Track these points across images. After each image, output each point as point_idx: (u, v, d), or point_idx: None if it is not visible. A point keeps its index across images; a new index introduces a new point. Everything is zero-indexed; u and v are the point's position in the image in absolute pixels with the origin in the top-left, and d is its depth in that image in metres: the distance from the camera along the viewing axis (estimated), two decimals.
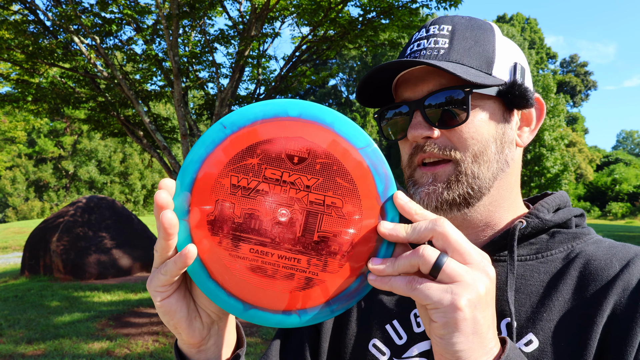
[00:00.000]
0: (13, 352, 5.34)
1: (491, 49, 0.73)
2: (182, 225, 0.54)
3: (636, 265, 0.68)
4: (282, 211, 0.54)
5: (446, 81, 0.71)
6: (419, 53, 0.74)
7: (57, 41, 6.95)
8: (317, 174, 0.54)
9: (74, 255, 9.94)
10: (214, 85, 8.46)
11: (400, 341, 0.79)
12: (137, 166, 44.32)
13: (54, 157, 42.62)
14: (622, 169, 46.81)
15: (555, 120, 37.42)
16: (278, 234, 0.53)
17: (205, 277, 0.55)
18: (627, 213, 36.87)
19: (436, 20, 0.76)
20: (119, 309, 7.29)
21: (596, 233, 0.78)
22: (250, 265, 0.54)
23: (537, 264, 0.73)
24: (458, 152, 0.71)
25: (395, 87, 0.78)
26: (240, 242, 0.54)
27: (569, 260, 0.72)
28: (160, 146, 7.08)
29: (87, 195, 11.55)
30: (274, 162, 0.54)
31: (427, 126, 0.72)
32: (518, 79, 0.73)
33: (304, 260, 0.53)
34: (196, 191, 0.55)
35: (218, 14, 7.74)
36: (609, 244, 0.74)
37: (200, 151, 0.55)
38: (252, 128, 0.55)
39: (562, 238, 0.74)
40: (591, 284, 0.68)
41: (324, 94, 52.23)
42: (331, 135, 0.54)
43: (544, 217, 0.74)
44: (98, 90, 7.58)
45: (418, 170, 0.74)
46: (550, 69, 64.17)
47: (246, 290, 0.54)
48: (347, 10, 7.07)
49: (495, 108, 0.73)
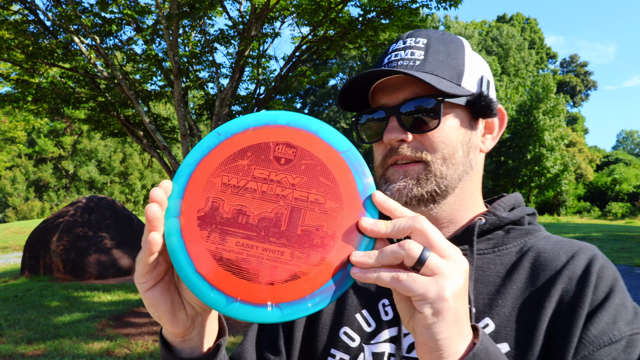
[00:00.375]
0: (13, 352, 5.34)
1: (461, 62, 0.81)
2: (174, 222, 0.58)
3: (580, 258, 0.77)
4: (268, 207, 0.57)
5: (421, 90, 0.78)
6: (396, 63, 0.80)
7: (57, 41, 6.95)
8: (301, 174, 0.58)
9: (74, 255, 9.94)
10: (214, 85, 8.47)
11: (369, 328, 0.85)
12: (137, 166, 44.30)
13: (54, 157, 42.61)
14: (622, 169, 46.78)
15: (555, 120, 37.41)
16: (264, 228, 0.56)
17: (191, 271, 0.57)
18: (627, 213, 36.84)
19: (412, 33, 0.83)
20: (119, 309, 7.29)
21: (545, 229, 0.88)
22: (235, 257, 0.56)
23: (494, 257, 0.81)
24: (429, 154, 0.78)
25: (372, 93, 0.85)
26: (227, 236, 0.57)
27: (522, 254, 0.81)
28: (160, 146, 7.08)
29: (87, 195, 11.55)
30: (263, 163, 0.59)
31: (402, 130, 0.78)
32: (484, 90, 0.82)
33: (288, 253, 0.56)
34: (189, 190, 0.59)
35: (218, 14, 7.74)
36: (556, 239, 0.83)
37: (195, 155, 0.60)
38: (244, 134, 0.60)
39: (516, 234, 0.83)
40: (541, 274, 0.77)
41: (324, 94, 52.14)
42: (316, 140, 0.59)
43: (501, 215, 0.83)
44: (98, 90, 7.58)
45: (390, 169, 0.81)
46: (550, 69, 64.18)
47: (230, 283, 0.56)
48: (347, 10, 7.06)
49: (463, 116, 0.81)
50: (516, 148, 38.41)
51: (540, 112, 37.01)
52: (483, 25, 54.38)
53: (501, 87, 41.55)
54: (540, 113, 37.02)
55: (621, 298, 0.74)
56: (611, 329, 0.70)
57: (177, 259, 0.57)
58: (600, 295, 0.73)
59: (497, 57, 44.82)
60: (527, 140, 37.50)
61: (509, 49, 45.12)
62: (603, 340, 0.69)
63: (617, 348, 0.69)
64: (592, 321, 0.71)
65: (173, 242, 0.57)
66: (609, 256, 13.16)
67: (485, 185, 37.17)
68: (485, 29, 51.61)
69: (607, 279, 0.75)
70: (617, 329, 0.70)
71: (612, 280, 0.75)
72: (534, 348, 0.72)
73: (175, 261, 0.57)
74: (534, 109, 37.29)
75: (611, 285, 0.74)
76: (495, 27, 50.10)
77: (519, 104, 39.20)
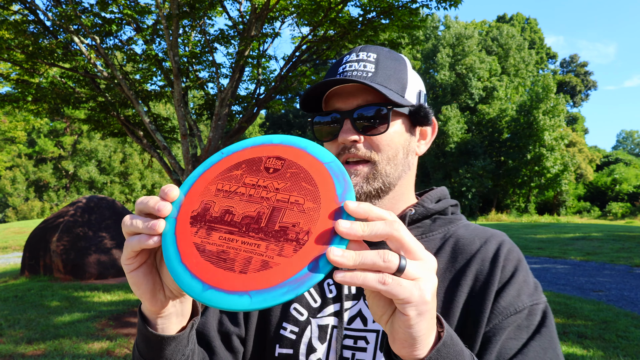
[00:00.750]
0: (13, 352, 5.34)
1: (405, 77, 0.95)
2: (171, 222, 0.65)
3: (491, 243, 0.92)
4: (253, 207, 0.63)
5: (372, 98, 0.90)
6: (351, 73, 0.91)
7: (57, 41, 6.95)
8: (286, 180, 0.64)
9: (74, 255, 9.94)
10: (214, 85, 8.47)
11: (315, 304, 0.97)
12: (137, 166, 44.29)
13: (54, 157, 42.59)
14: (622, 169, 46.76)
15: (555, 120, 37.38)
16: (245, 225, 0.62)
17: (177, 262, 0.63)
18: (627, 213, 36.82)
19: (364, 48, 0.95)
20: (119, 309, 7.29)
21: (465, 219, 1.03)
22: (216, 249, 0.62)
23: (422, 243, 0.93)
24: (376, 154, 0.91)
25: (327, 98, 0.96)
26: (212, 232, 0.63)
27: (445, 240, 0.95)
28: (160, 146, 7.08)
29: (87, 195, 11.55)
30: (254, 172, 0.66)
31: (356, 132, 0.90)
32: (423, 102, 0.97)
33: (263, 246, 0.60)
34: (189, 196, 0.67)
35: (218, 14, 7.73)
36: (474, 227, 0.98)
37: (200, 169, 0.70)
38: (242, 151, 0.70)
39: (441, 222, 0.97)
40: (459, 257, 0.92)
41: None
42: (303, 153, 0.67)
43: (428, 206, 0.97)
44: (98, 90, 7.58)
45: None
46: (550, 69, 64.13)
47: (208, 272, 0.61)
48: (347, 11, 7.06)
49: (405, 123, 0.95)
50: (516, 148, 38.39)
51: (540, 112, 36.97)
52: (483, 25, 54.34)
53: (501, 87, 41.52)
54: (540, 113, 36.98)
55: (524, 275, 0.89)
56: (516, 301, 0.85)
57: (167, 252, 0.64)
58: (507, 274, 0.88)
59: (497, 57, 44.78)
60: (527, 140, 37.47)
61: (509, 49, 45.09)
62: (509, 311, 0.84)
63: (520, 316, 0.84)
64: (501, 295, 0.86)
65: (167, 238, 0.65)
66: (609, 256, 13.18)
67: (485, 185, 37.16)
68: (485, 29, 51.58)
69: (513, 260, 0.90)
70: (521, 301, 0.86)
71: (517, 261, 0.90)
72: (453, 318, 0.86)
73: (166, 254, 0.64)
74: (534, 109, 37.26)
75: (516, 265, 0.90)
76: (495, 27, 50.06)
77: (519, 104, 39.18)
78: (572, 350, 5.13)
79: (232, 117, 8.04)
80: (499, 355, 0.82)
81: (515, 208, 40.00)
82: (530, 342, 0.83)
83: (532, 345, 0.82)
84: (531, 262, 12.67)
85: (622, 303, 7.61)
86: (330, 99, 0.94)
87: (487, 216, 37.22)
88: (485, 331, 0.84)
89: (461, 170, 37.81)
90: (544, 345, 0.83)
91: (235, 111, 8.12)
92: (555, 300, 7.70)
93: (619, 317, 6.53)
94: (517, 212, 39.26)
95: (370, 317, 0.92)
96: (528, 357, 0.81)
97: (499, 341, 0.82)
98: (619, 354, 5.01)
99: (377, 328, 0.90)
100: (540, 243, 16.98)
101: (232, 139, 7.21)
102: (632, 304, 7.52)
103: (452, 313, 0.86)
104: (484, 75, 41.19)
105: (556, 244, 16.48)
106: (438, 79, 41.25)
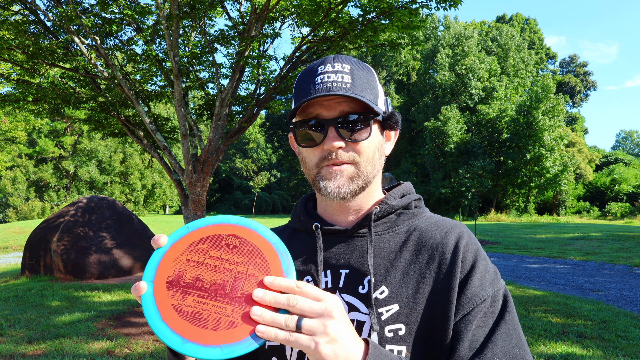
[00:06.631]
0: (13, 352, 5.35)
1: (376, 87, 1.02)
2: (149, 285, 0.80)
3: (451, 235, 0.99)
4: (218, 276, 0.80)
5: (354, 106, 0.98)
6: (330, 83, 0.97)
7: (57, 41, 6.96)
8: (244, 256, 0.82)
9: (74, 255, 9.95)
10: (214, 85, 8.48)
11: None
12: (138, 166, 44.28)
13: (54, 157, 42.59)
14: (621, 169, 46.75)
15: (554, 120, 37.38)
16: (213, 291, 0.78)
17: (158, 319, 0.77)
18: (626, 213, 36.81)
19: (337, 58, 1.01)
20: (119, 308, 7.30)
21: (429, 211, 1.11)
22: (191, 310, 0.77)
23: (388, 237, 1.02)
24: (359, 157, 0.98)
25: (306, 105, 1.01)
26: (186, 295, 0.78)
27: (410, 233, 1.02)
28: (161, 146, 7.09)
29: (88, 195, 11.55)
30: (217, 247, 0.83)
31: (340, 139, 0.97)
32: (391, 109, 1.07)
33: (229, 309, 0.77)
34: (163, 263, 0.82)
35: (218, 15, 7.74)
36: (435, 219, 1.05)
37: (170, 240, 0.84)
38: (205, 228, 0.86)
39: (405, 217, 1.05)
40: (422, 248, 0.98)
41: None
42: (255, 234, 0.85)
43: (391, 203, 1.05)
44: (98, 91, 7.59)
45: (325, 169, 0.99)
46: (550, 69, 64.14)
47: (185, 328, 0.76)
48: (347, 11, 7.07)
49: (379, 128, 1.04)
50: (515, 148, 38.40)
51: (539, 113, 36.97)
52: (482, 26, 54.35)
53: (501, 87, 41.51)
54: (540, 113, 36.98)
55: (484, 264, 0.96)
56: (480, 291, 0.92)
57: (148, 311, 0.78)
58: (467, 265, 0.95)
59: (497, 57, 44.77)
60: (526, 140, 37.48)
61: (508, 49, 45.08)
62: (475, 301, 0.92)
63: (486, 304, 0.92)
64: (466, 287, 0.92)
65: (147, 299, 0.78)
66: (608, 256, 13.20)
67: (485, 185, 37.15)
68: (484, 29, 51.57)
69: (472, 251, 0.97)
70: (484, 290, 0.93)
71: (475, 252, 0.97)
72: (418, 307, 0.93)
73: (146, 312, 0.78)
74: (533, 109, 37.26)
75: (475, 256, 0.96)
76: (495, 27, 50.05)
77: (519, 104, 39.17)
78: (571, 350, 5.13)
79: (232, 117, 8.05)
80: (470, 344, 0.89)
81: (515, 208, 40.01)
82: (497, 329, 0.90)
83: (498, 333, 0.90)
84: (531, 261, 12.68)
85: (621, 303, 7.63)
86: (311, 106, 1.00)
87: (486, 216, 37.22)
88: (455, 322, 0.91)
89: (461, 171, 37.81)
90: (509, 331, 0.91)
91: (235, 111, 8.13)
92: (555, 300, 7.71)
93: (619, 317, 6.54)
94: (517, 212, 39.26)
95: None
96: (497, 346, 0.88)
97: (470, 331, 0.90)
98: (618, 353, 5.02)
99: (352, 318, 0.97)
100: (540, 243, 16.99)
101: (232, 139, 7.22)
102: (632, 304, 7.54)
103: (418, 302, 0.93)
104: (483, 75, 41.18)
105: (556, 244, 16.49)
106: (438, 79, 41.25)
